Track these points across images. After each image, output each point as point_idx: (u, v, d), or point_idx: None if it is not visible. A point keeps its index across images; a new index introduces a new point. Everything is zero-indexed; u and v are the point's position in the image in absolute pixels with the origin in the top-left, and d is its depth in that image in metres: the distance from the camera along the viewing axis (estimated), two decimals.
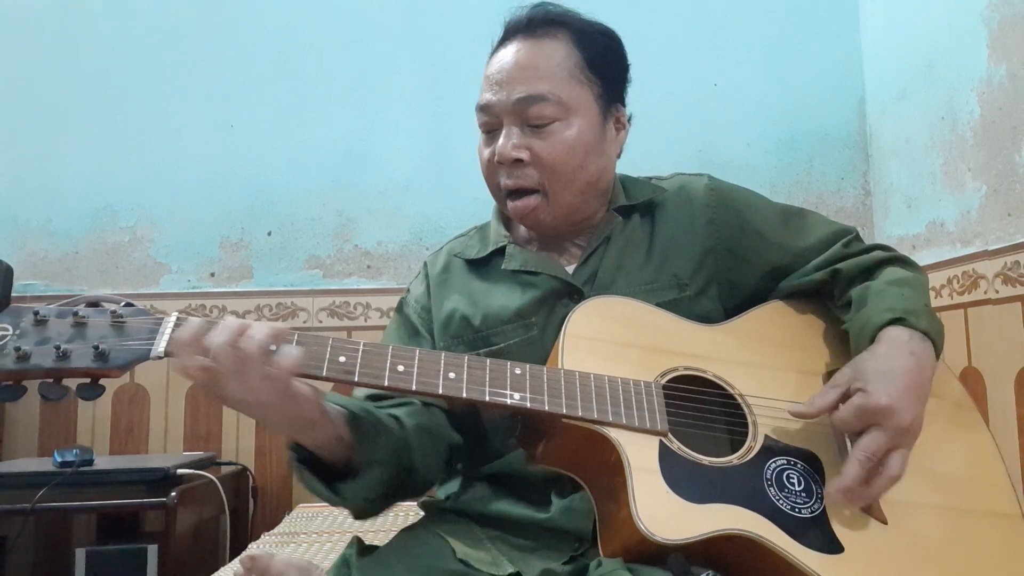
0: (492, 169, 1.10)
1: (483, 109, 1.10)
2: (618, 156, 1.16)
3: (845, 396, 0.95)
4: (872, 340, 1.00)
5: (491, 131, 1.11)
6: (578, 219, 1.12)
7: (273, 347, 0.83)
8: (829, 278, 1.10)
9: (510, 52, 1.09)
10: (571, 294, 1.08)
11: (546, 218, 1.09)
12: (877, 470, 0.92)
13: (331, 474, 0.96)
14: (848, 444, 0.96)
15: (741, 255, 1.12)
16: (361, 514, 1.02)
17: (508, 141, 1.07)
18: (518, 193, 1.09)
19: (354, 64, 2.40)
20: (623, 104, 1.15)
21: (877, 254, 1.12)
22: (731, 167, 2.29)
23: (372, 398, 1.06)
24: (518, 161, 1.06)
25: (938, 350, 1.01)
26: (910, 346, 0.98)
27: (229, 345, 0.81)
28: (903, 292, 1.04)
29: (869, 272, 1.10)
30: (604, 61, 1.11)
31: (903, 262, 1.13)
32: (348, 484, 0.95)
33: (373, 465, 0.96)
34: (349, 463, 0.96)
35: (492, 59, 1.12)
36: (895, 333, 0.99)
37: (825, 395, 0.97)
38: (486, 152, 1.11)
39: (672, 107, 2.33)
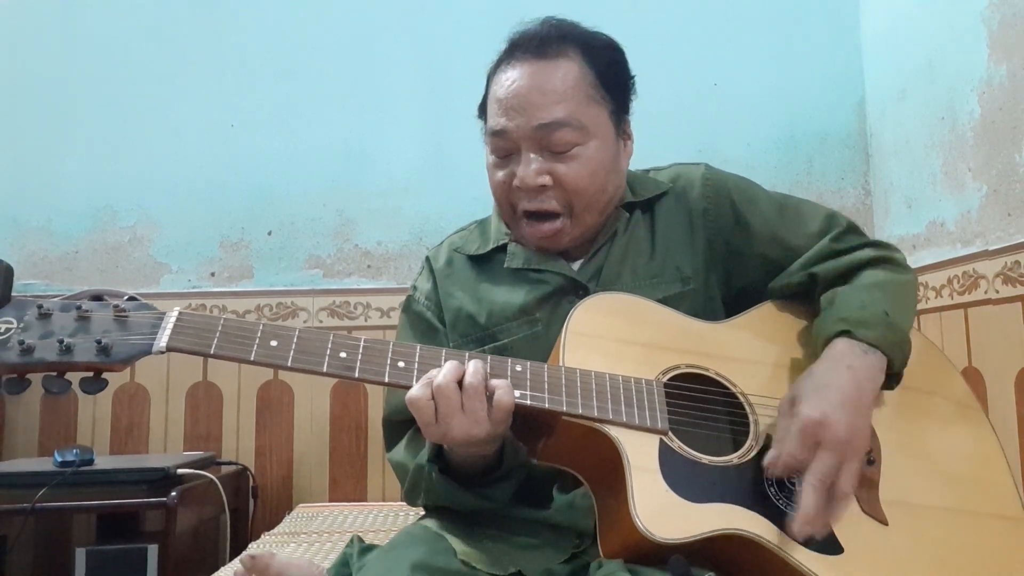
0: (507, 192, 1.09)
1: (498, 135, 1.07)
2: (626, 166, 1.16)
3: None
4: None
5: (506, 155, 1.08)
6: (592, 235, 1.12)
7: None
8: (806, 280, 1.08)
9: (523, 74, 1.06)
10: (576, 290, 1.08)
11: (565, 240, 1.09)
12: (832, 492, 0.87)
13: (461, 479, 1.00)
14: None
15: (735, 248, 1.12)
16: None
17: (529, 167, 1.05)
18: (539, 216, 1.07)
19: (354, 64, 2.39)
20: (628, 114, 1.14)
21: (861, 255, 1.09)
22: (731, 167, 2.21)
23: None
24: (541, 186, 1.05)
25: (895, 361, 0.97)
26: (848, 360, 0.95)
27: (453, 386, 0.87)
28: (864, 299, 1.00)
29: (846, 276, 1.07)
30: (614, 76, 1.10)
31: (888, 262, 1.09)
32: (501, 486, 0.99)
33: (519, 468, 1.00)
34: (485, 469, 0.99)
35: (500, 79, 1.08)
36: (840, 347, 0.96)
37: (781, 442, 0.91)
38: (500, 175, 1.09)
39: (672, 107, 2.33)
